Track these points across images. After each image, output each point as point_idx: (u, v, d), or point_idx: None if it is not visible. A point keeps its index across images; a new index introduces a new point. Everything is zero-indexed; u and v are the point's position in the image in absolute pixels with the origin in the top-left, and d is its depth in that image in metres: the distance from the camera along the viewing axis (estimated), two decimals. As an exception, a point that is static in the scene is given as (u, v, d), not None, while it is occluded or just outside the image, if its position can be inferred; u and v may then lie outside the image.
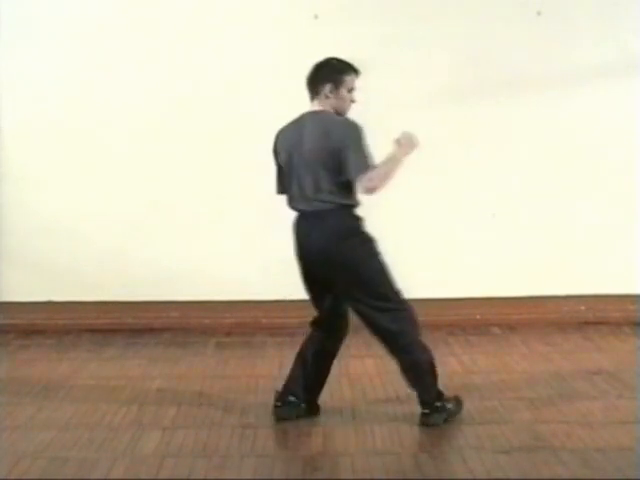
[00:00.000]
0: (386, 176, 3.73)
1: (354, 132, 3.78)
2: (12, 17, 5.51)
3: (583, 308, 5.78)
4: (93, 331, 5.63)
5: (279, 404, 4.03)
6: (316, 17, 5.52)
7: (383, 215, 5.62)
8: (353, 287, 3.83)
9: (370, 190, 3.71)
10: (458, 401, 4.03)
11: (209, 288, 5.65)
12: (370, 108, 5.51)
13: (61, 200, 5.65)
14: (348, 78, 3.87)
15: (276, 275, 5.53)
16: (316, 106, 3.88)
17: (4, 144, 5.61)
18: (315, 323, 4.07)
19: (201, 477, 3.42)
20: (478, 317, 5.75)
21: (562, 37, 5.59)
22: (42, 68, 5.57)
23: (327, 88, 3.84)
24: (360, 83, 3.91)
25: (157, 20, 5.54)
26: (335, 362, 4.94)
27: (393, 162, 3.76)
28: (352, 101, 3.92)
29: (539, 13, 5.58)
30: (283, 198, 3.97)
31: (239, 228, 5.62)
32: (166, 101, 5.55)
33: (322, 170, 3.75)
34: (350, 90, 3.89)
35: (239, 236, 5.62)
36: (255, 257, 5.62)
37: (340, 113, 3.89)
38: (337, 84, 3.85)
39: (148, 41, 5.54)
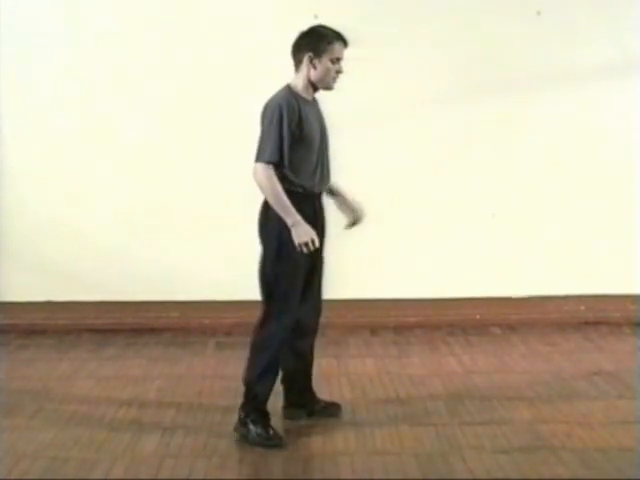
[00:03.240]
0: (270, 195, 3.58)
1: (264, 114, 3.62)
2: (12, 17, 5.51)
3: (583, 308, 5.78)
4: (93, 331, 5.63)
5: (286, 405, 4.03)
6: (316, 17, 5.49)
7: (382, 215, 5.66)
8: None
9: (254, 179, 3.61)
10: (270, 436, 3.72)
11: (209, 288, 5.65)
12: (370, 108, 5.55)
13: (61, 200, 5.65)
14: (332, 47, 3.64)
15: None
16: (293, 79, 3.72)
17: (4, 144, 5.61)
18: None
19: (201, 477, 3.43)
20: (478, 317, 5.74)
21: (562, 37, 5.59)
22: (42, 67, 5.56)
23: (307, 57, 3.64)
24: (360, 83, 3.86)
25: (157, 22, 5.54)
26: (335, 362, 4.98)
27: (285, 210, 3.56)
28: (338, 72, 3.68)
29: (539, 13, 5.58)
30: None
31: (239, 228, 5.58)
32: (165, 102, 5.55)
33: None
34: (335, 61, 3.66)
35: (239, 236, 5.59)
36: (255, 257, 5.60)
37: (324, 86, 3.71)
38: (319, 52, 3.63)
39: (148, 43, 5.53)
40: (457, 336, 5.49)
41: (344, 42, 3.70)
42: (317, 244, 3.61)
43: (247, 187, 5.49)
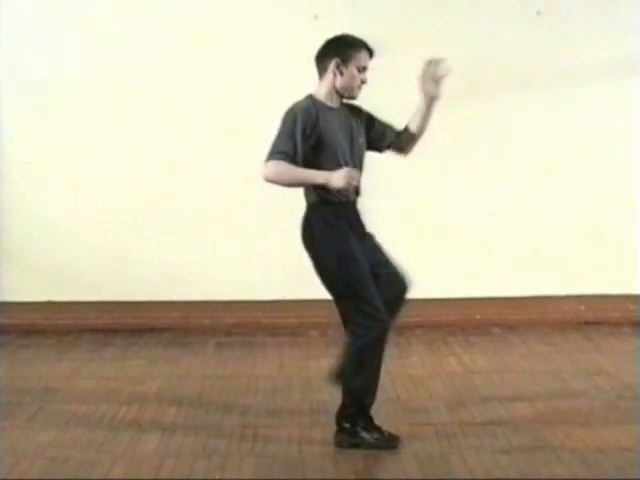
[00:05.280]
0: (287, 176, 3.48)
1: (283, 118, 3.56)
2: (13, 17, 5.51)
3: (583, 308, 5.78)
4: (93, 331, 5.63)
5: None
6: (316, 17, 5.52)
7: (382, 215, 5.65)
8: None
9: (264, 177, 3.49)
10: (389, 438, 3.69)
11: (209, 288, 5.65)
12: (368, 108, 5.55)
13: (61, 200, 5.65)
14: (359, 55, 3.61)
15: (276, 275, 5.54)
16: (315, 87, 3.68)
17: (4, 144, 5.61)
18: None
19: (201, 477, 3.43)
20: (478, 317, 5.75)
21: (562, 37, 5.59)
22: (42, 68, 5.57)
23: (334, 63, 3.59)
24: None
25: (158, 20, 5.54)
26: (335, 362, 4.97)
27: (310, 176, 3.50)
28: (363, 81, 3.65)
29: (539, 13, 5.59)
30: (282, 198, 3.93)
31: (239, 228, 5.62)
32: (166, 102, 5.55)
33: None
34: (361, 69, 3.63)
35: (239, 236, 5.63)
36: (255, 257, 5.62)
37: (349, 95, 3.68)
38: (346, 59, 3.59)
39: (148, 44, 5.53)
40: (457, 336, 5.49)
41: (370, 51, 3.68)
42: (357, 175, 3.53)
43: (247, 187, 5.54)
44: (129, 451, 3.66)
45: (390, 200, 5.64)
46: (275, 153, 3.49)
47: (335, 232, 3.63)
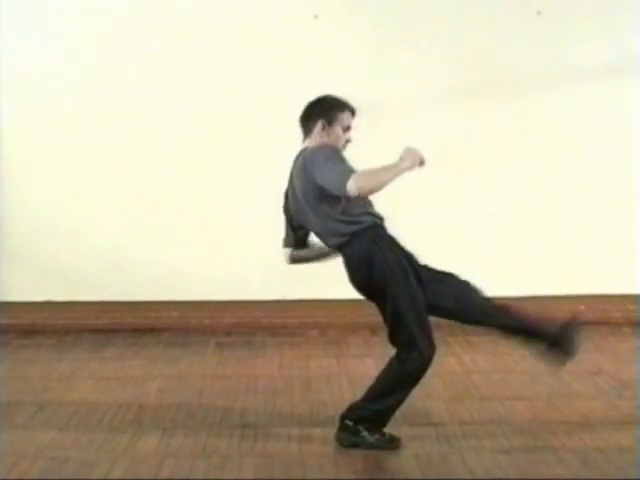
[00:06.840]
0: (375, 179, 3.40)
1: (321, 154, 3.53)
2: (13, 17, 5.50)
3: (583, 308, 5.76)
4: (93, 331, 5.63)
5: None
6: (316, 17, 5.52)
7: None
8: None
9: (356, 192, 3.38)
10: (390, 440, 3.69)
11: (209, 288, 5.64)
12: (369, 108, 5.54)
13: (61, 200, 5.65)
14: (342, 115, 3.66)
15: (276, 275, 5.52)
16: (305, 145, 3.68)
17: (4, 144, 5.61)
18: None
19: (201, 477, 3.43)
20: (478, 317, 5.73)
21: (562, 37, 5.59)
22: (43, 67, 5.56)
23: (319, 125, 3.65)
24: (359, 83, 3.85)
25: (158, 21, 5.54)
26: (335, 362, 4.98)
27: (392, 167, 3.44)
28: (347, 141, 3.70)
29: (539, 13, 5.58)
30: (281, 198, 3.93)
31: (239, 228, 5.62)
32: (166, 101, 5.55)
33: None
34: (345, 129, 3.68)
35: (239, 236, 5.62)
36: (255, 257, 5.61)
37: None
38: (330, 121, 3.65)
39: (148, 43, 5.52)
40: (457, 336, 5.47)
41: (352, 111, 3.71)
42: (420, 152, 3.54)
43: (247, 188, 5.55)
44: (129, 451, 3.67)
45: (388, 200, 5.63)
46: (345, 173, 3.41)
47: (390, 251, 3.64)
